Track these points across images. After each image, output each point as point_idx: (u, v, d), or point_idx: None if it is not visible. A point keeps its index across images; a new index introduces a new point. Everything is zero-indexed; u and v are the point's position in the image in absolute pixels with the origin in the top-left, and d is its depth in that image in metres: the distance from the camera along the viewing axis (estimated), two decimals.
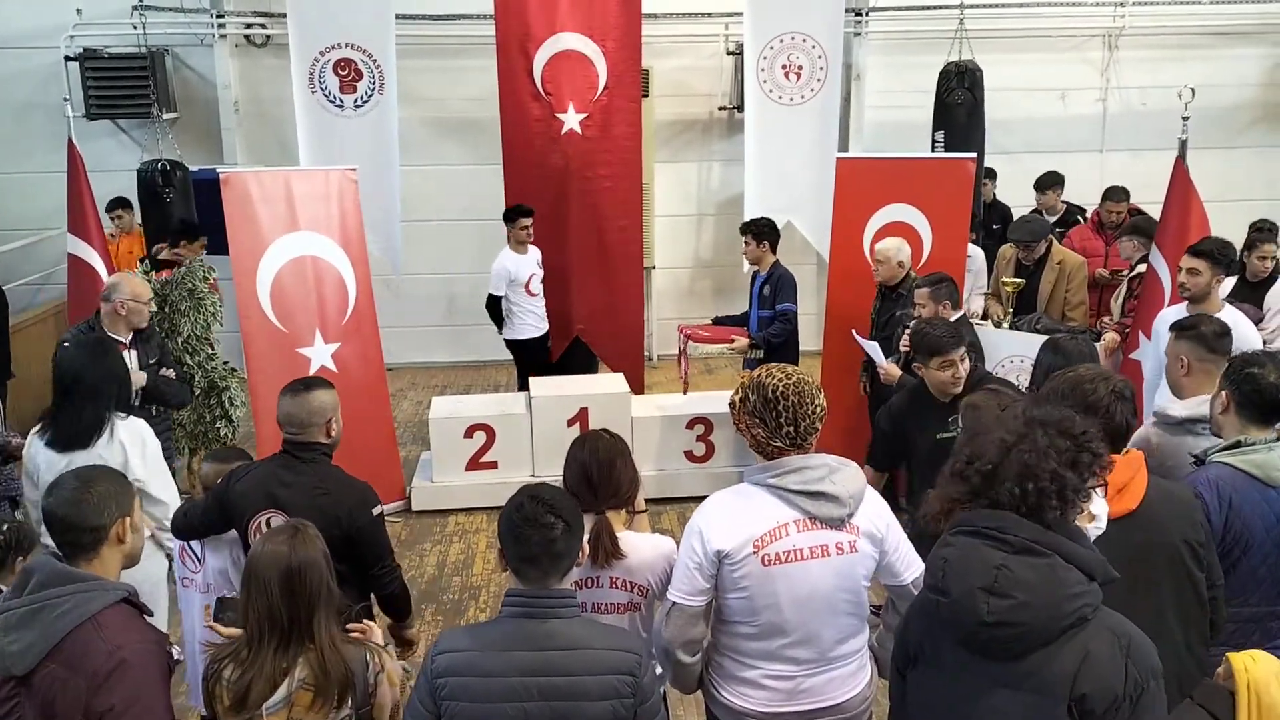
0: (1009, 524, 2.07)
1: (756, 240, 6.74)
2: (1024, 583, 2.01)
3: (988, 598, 2.01)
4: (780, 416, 2.72)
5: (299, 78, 7.77)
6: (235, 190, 6.03)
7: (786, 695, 2.80)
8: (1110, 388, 2.87)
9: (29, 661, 2.40)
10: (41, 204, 8.94)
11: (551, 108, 7.57)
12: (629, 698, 2.41)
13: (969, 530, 2.12)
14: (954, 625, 2.08)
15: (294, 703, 2.55)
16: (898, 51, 9.77)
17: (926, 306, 5.17)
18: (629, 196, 7.84)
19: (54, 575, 2.50)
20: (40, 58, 9.17)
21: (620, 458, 3.04)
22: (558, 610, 2.45)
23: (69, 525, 2.56)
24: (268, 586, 2.54)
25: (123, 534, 2.63)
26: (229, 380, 6.38)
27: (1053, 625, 2.01)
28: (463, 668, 2.39)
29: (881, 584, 2.88)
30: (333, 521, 3.27)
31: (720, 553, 2.70)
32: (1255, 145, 10.32)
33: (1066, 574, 2.03)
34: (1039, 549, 2.04)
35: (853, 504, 2.74)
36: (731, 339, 6.74)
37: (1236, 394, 3.12)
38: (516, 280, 7.30)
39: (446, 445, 6.67)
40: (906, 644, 2.29)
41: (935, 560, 2.14)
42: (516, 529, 2.46)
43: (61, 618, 2.43)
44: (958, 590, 2.05)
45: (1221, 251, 4.77)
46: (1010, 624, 2.00)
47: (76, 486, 2.60)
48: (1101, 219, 7.43)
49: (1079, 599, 2.03)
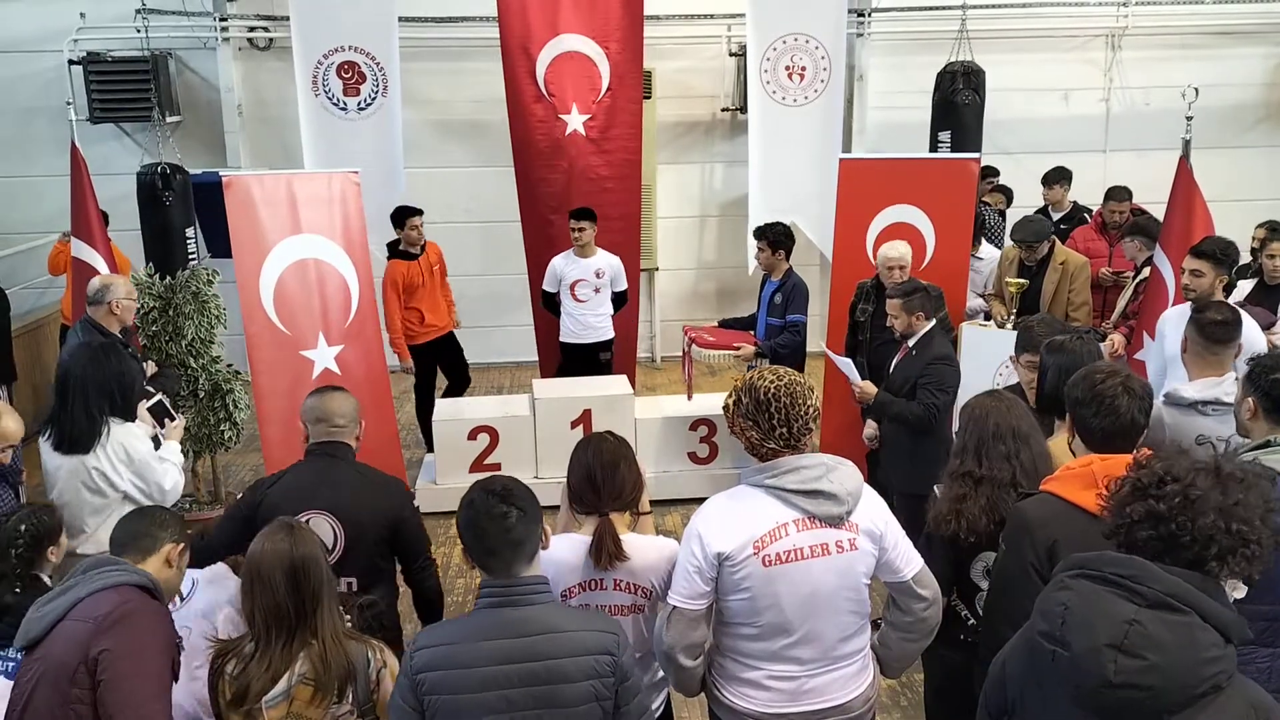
0: (1144, 573, 1.86)
1: (772, 248, 6.59)
2: (1158, 642, 1.79)
3: (1115, 655, 1.80)
4: (773, 418, 2.73)
5: (302, 81, 7.78)
6: (237, 193, 6.03)
7: (790, 696, 2.80)
8: (1135, 388, 2.85)
9: (41, 628, 2.61)
10: (45, 208, 8.97)
11: (554, 109, 7.57)
12: (609, 676, 2.44)
13: (1094, 575, 1.90)
14: (1069, 681, 1.87)
15: (294, 697, 2.58)
16: (900, 52, 9.77)
17: (899, 318, 5.05)
18: (631, 198, 7.84)
19: (98, 560, 2.76)
20: (44, 61, 9.19)
21: (624, 460, 3.04)
22: (530, 597, 2.47)
23: (135, 531, 2.86)
24: (272, 583, 2.58)
25: (172, 559, 2.88)
26: (233, 383, 6.38)
27: (1185, 692, 1.80)
28: (441, 661, 2.41)
29: (882, 581, 2.88)
30: (383, 517, 3.32)
31: (720, 555, 2.70)
32: (1259, 145, 10.31)
33: (1204, 635, 1.82)
34: (1176, 605, 1.82)
35: (851, 501, 2.75)
36: (736, 346, 6.60)
37: (1264, 400, 3.15)
38: (564, 281, 7.25)
39: (450, 447, 6.67)
40: (1003, 687, 2.12)
41: (1052, 606, 1.93)
42: (473, 524, 2.49)
43: (85, 584, 2.66)
44: (1081, 645, 1.85)
45: (1224, 252, 4.77)
46: (1138, 687, 1.79)
47: (148, 508, 3.03)
48: (1104, 219, 7.41)
49: (1216, 664, 1.81)
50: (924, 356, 4.98)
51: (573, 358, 7.39)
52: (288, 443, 6.23)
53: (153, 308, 5.96)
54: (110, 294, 5.14)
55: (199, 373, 6.20)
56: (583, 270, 7.24)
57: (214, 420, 6.30)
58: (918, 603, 2.85)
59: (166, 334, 6.07)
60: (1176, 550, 1.89)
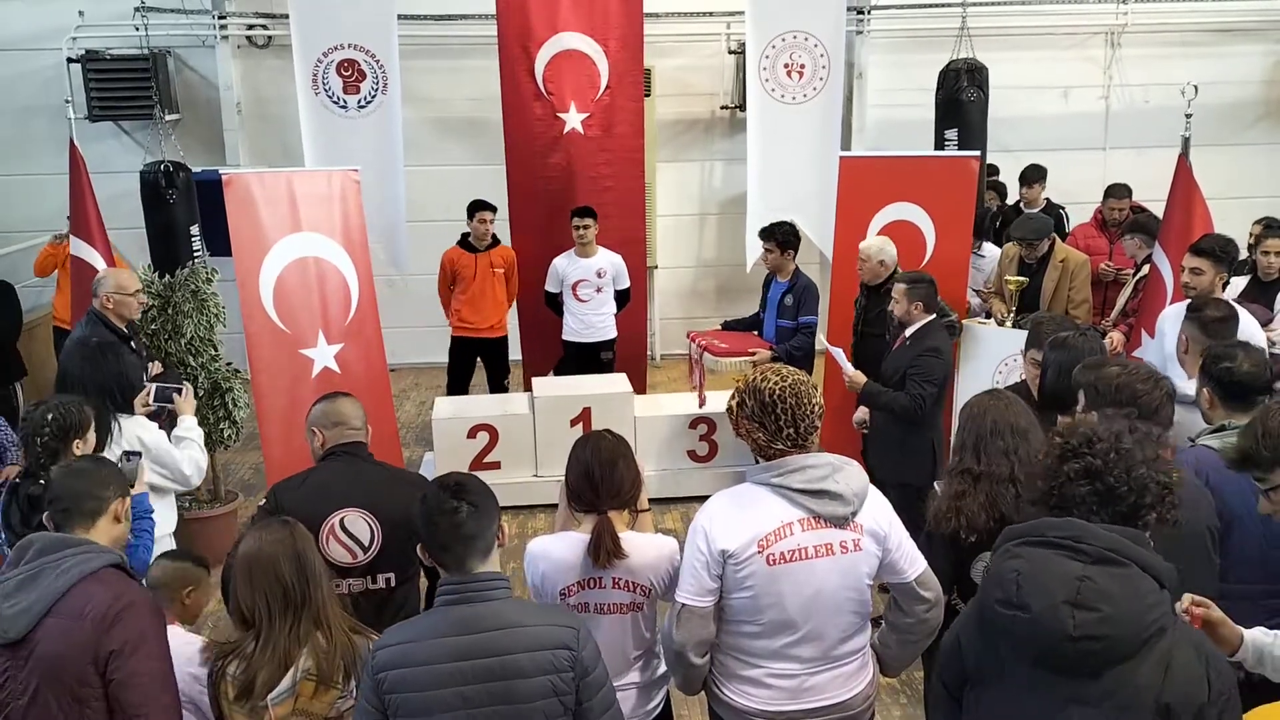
0: (1084, 533, 1.99)
1: (781, 248, 6.53)
2: (1108, 594, 1.92)
3: (1072, 610, 1.92)
4: (780, 419, 2.73)
5: (302, 79, 7.77)
6: (237, 191, 6.03)
7: (790, 694, 2.80)
8: (1162, 389, 2.94)
9: (26, 623, 2.55)
10: (45, 206, 8.95)
11: (553, 107, 7.57)
12: (567, 671, 2.43)
13: (1037, 540, 2.02)
14: (1032, 641, 1.98)
15: (299, 693, 2.59)
16: (900, 50, 9.77)
17: (899, 303, 5.19)
18: (631, 196, 7.83)
19: (52, 543, 2.70)
20: (42, 60, 9.19)
21: (622, 458, 3.04)
22: (486, 593, 2.46)
23: (77, 492, 2.82)
24: (276, 568, 2.60)
25: (119, 513, 2.89)
26: (232, 382, 6.38)
27: (1136, 637, 1.93)
28: (399, 660, 2.41)
29: (885, 581, 2.88)
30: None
31: (725, 552, 2.70)
32: (1258, 142, 10.31)
33: (1144, 583, 1.96)
34: (1117, 558, 1.96)
35: (856, 502, 2.75)
36: (752, 351, 6.49)
37: (1218, 389, 3.23)
38: (565, 281, 7.26)
39: (450, 446, 6.67)
40: (961, 662, 2.19)
41: (1005, 574, 2.03)
42: (425, 519, 2.49)
43: (62, 575, 2.60)
44: (1039, 605, 1.95)
45: (1223, 249, 4.77)
46: (1095, 638, 1.92)
47: (87, 463, 2.93)
48: (1104, 217, 7.42)
49: (1158, 608, 1.96)
50: (916, 348, 5.08)
51: (575, 356, 7.40)
52: (287, 440, 6.24)
53: (152, 306, 5.95)
54: (101, 288, 5.11)
55: (198, 371, 6.18)
56: (584, 270, 7.23)
57: (214, 419, 6.28)
58: (920, 604, 2.85)
59: (165, 332, 6.06)
60: (1114, 502, 2.04)
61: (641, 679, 3.05)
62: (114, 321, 5.10)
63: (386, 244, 8.03)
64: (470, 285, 7.45)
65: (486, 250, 7.47)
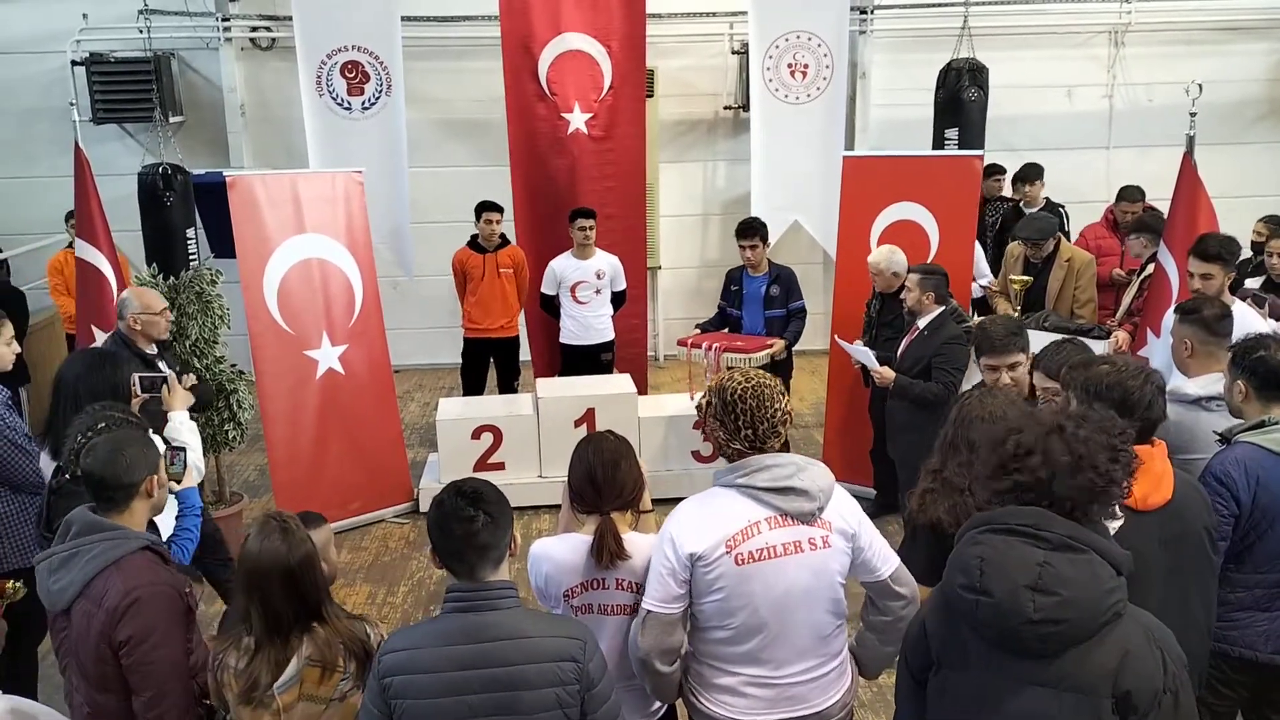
0: (1044, 520, 2.06)
1: (764, 242, 6.76)
2: (1067, 579, 2.00)
3: (1032, 595, 2.00)
4: (739, 420, 2.75)
5: (306, 81, 7.79)
6: (241, 193, 6.05)
7: (768, 703, 2.80)
8: (1153, 383, 2.93)
9: (68, 598, 2.81)
10: (48, 208, 8.96)
11: (557, 108, 7.58)
12: (573, 684, 2.43)
13: (1000, 528, 2.10)
14: (993, 625, 2.05)
15: (303, 679, 2.62)
16: (903, 49, 9.75)
17: (913, 292, 5.46)
18: (634, 197, 7.83)
19: (87, 525, 2.86)
20: (46, 62, 9.22)
21: (625, 459, 3.04)
22: (495, 602, 2.45)
23: (105, 484, 2.90)
24: (269, 587, 2.61)
25: (151, 489, 2.99)
26: (236, 383, 6.38)
27: (1093, 621, 2.01)
28: (406, 665, 2.41)
29: (859, 581, 2.87)
30: None
31: (693, 555, 2.70)
32: (1263, 141, 10.28)
33: (1102, 569, 2.04)
34: (1077, 545, 2.04)
35: (823, 498, 2.75)
36: (769, 344, 6.62)
37: (1252, 379, 3.26)
38: (564, 283, 7.26)
39: (454, 447, 6.67)
40: (926, 649, 2.25)
41: (968, 560, 2.10)
42: (440, 524, 2.48)
43: (90, 562, 2.80)
44: (1000, 589, 2.02)
45: (1229, 251, 4.76)
46: (1055, 621, 2.00)
47: (110, 450, 2.92)
48: (1116, 219, 7.40)
49: (1115, 594, 2.04)
50: (937, 338, 5.38)
51: (574, 359, 7.39)
52: (292, 442, 6.26)
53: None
54: (127, 308, 4.96)
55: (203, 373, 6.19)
56: (583, 272, 7.23)
57: (218, 420, 6.29)
58: (895, 601, 2.85)
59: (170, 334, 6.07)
60: (1055, 508, 2.11)
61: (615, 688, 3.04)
62: (140, 344, 4.93)
63: (392, 246, 8.04)
64: (479, 286, 7.45)
65: (495, 251, 7.47)
